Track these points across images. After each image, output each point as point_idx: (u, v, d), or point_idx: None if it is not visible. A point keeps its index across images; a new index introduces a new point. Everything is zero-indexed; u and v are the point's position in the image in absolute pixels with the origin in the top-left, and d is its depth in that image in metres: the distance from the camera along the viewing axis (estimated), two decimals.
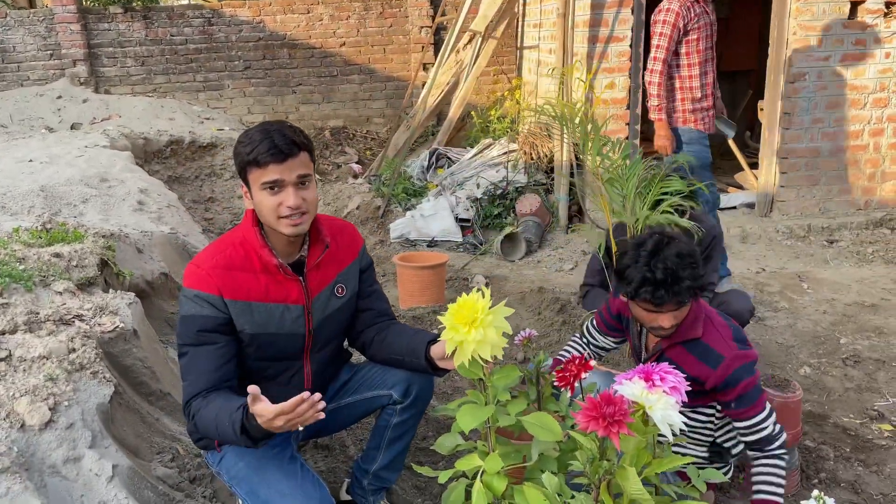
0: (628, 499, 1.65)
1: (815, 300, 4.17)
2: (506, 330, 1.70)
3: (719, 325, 2.17)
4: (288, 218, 1.82)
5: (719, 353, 2.09)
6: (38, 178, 4.21)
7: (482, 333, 1.67)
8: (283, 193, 1.81)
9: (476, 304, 1.69)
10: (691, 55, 4.08)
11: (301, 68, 7.85)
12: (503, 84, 7.62)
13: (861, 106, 5.19)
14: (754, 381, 2.11)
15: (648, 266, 2.01)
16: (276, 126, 1.83)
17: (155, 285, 3.33)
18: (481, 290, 1.72)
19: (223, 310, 1.84)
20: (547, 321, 3.93)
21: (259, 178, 1.80)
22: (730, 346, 2.10)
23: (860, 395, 3.23)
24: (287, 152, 1.78)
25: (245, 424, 1.68)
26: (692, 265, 2.02)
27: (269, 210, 1.82)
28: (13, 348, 2.08)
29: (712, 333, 2.14)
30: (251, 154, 1.79)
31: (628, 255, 2.08)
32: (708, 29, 4.08)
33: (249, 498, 1.90)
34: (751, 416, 2.11)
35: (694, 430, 2.31)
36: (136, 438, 2.25)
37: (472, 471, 1.81)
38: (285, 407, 1.58)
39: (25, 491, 1.70)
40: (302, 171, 1.82)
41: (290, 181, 1.80)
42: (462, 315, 1.68)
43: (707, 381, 2.11)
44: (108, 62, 7.52)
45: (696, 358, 2.12)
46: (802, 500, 1.70)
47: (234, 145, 1.86)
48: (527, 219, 5.28)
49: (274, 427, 1.61)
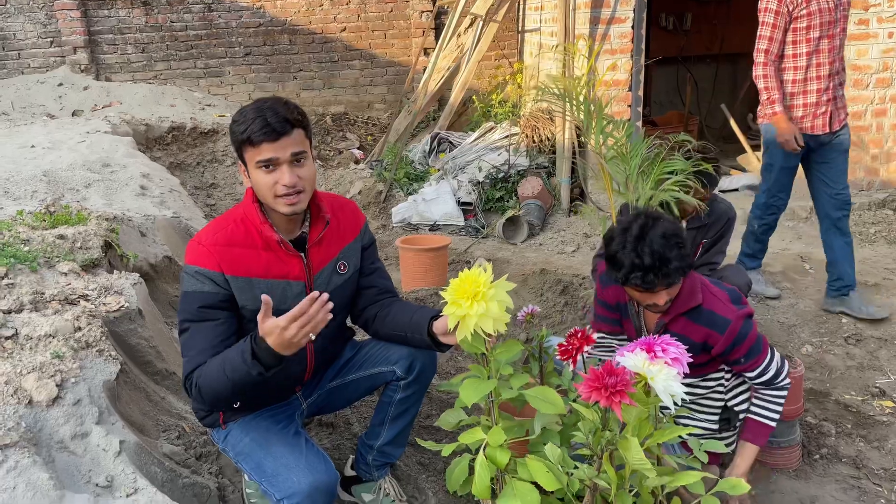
0: (630, 469, 1.67)
1: (817, 280, 4.17)
2: (507, 304, 1.71)
3: (716, 291, 2.21)
4: (284, 197, 1.82)
5: (724, 318, 2.13)
6: (41, 164, 4.22)
7: (484, 307, 1.67)
8: (277, 172, 1.81)
9: (478, 279, 1.70)
10: (798, 44, 3.57)
11: (302, 54, 7.82)
12: (504, 68, 7.59)
13: (864, 86, 5.17)
14: (756, 333, 2.18)
15: (636, 251, 2.01)
16: (269, 103, 1.81)
17: (159, 268, 3.34)
18: (483, 265, 1.73)
19: (224, 286, 1.84)
20: (549, 303, 3.94)
21: (254, 156, 1.80)
22: (731, 308, 2.15)
23: (862, 372, 3.24)
24: (280, 130, 1.78)
25: (255, 350, 1.68)
26: (678, 245, 2.02)
27: (266, 188, 1.83)
28: (20, 327, 2.10)
29: (711, 300, 2.18)
30: (245, 133, 1.78)
31: (615, 241, 2.07)
32: (824, 15, 3.50)
33: (255, 472, 1.91)
34: (759, 364, 2.20)
35: (705, 398, 2.35)
36: (143, 416, 2.27)
37: (476, 445, 1.82)
38: (295, 311, 1.60)
39: (34, 465, 1.72)
40: (296, 148, 1.82)
41: (284, 159, 1.80)
42: (464, 289, 1.69)
43: (715, 346, 2.15)
44: (109, 49, 7.50)
45: (701, 325, 2.16)
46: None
47: (230, 123, 1.86)
48: (529, 202, 5.28)
49: (286, 338, 1.62)
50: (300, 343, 1.65)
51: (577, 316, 3.68)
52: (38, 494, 1.68)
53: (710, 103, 7.81)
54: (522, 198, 5.39)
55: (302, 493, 1.80)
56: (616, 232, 2.09)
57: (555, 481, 1.69)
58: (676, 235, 2.04)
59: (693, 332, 2.17)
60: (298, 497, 1.81)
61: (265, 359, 1.68)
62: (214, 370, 1.77)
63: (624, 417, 1.57)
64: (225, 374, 1.75)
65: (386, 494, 2.21)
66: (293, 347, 1.66)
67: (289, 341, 1.64)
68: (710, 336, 2.17)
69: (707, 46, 8.06)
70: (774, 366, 2.24)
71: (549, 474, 1.71)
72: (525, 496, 1.70)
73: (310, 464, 1.86)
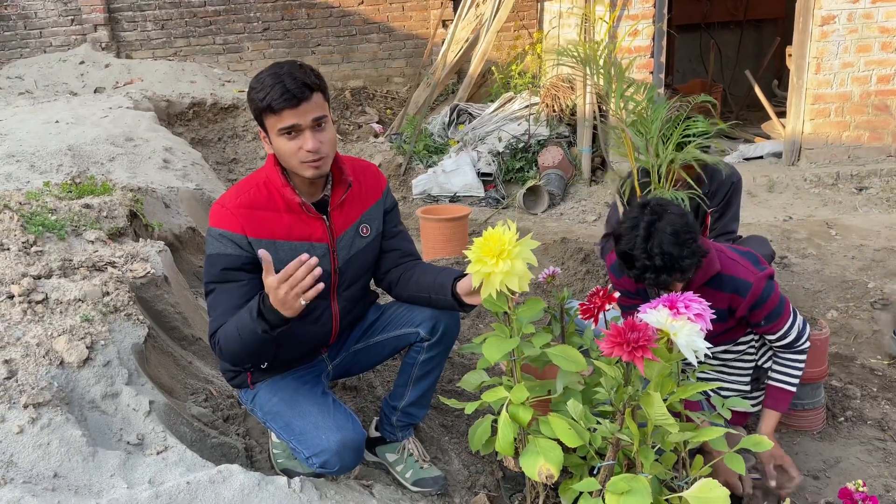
0: (653, 426, 1.67)
1: (843, 246, 4.12)
2: (531, 262, 1.71)
3: (734, 256, 2.18)
4: (309, 162, 1.83)
5: (746, 281, 2.12)
6: (65, 139, 4.27)
7: (509, 265, 1.68)
8: (300, 138, 1.81)
9: (503, 237, 1.70)
10: None
11: (320, 28, 7.80)
12: (524, 39, 7.50)
13: (892, 49, 5.05)
14: (778, 294, 2.17)
15: (647, 252, 1.95)
16: (286, 68, 1.80)
17: (183, 239, 3.38)
18: (507, 223, 1.74)
19: (247, 249, 1.86)
20: (571, 271, 3.93)
21: (275, 124, 1.80)
22: (752, 271, 2.14)
23: (888, 337, 3.21)
24: (300, 96, 1.77)
25: (261, 307, 1.70)
26: (689, 240, 1.95)
27: (290, 155, 1.83)
28: (49, 291, 2.14)
29: (731, 265, 2.16)
30: (265, 100, 1.78)
31: (624, 240, 2.01)
32: None
33: (284, 432, 1.95)
34: (782, 326, 2.19)
35: (736, 360, 2.35)
36: (171, 380, 2.31)
37: (499, 405, 1.84)
38: (286, 271, 1.61)
39: (67, 423, 1.77)
40: (317, 113, 1.81)
41: (306, 125, 1.80)
42: (489, 247, 1.70)
43: (738, 309, 2.13)
44: (129, 26, 7.53)
45: (724, 292, 2.14)
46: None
47: (247, 90, 1.86)
48: (549, 172, 5.25)
49: (279, 298, 1.63)
50: (293, 305, 1.65)
51: (600, 283, 3.67)
52: (72, 450, 1.72)
53: (734, 71, 7.67)
54: (543, 168, 5.36)
55: (331, 450, 1.84)
56: (624, 230, 2.03)
57: (577, 438, 1.70)
58: (686, 229, 1.96)
59: (718, 300, 2.14)
60: (328, 454, 1.84)
61: (269, 317, 1.70)
62: (231, 328, 1.81)
63: (646, 373, 1.57)
64: (237, 332, 1.78)
65: (409, 455, 2.24)
66: (290, 309, 1.66)
67: (282, 302, 1.65)
68: (734, 300, 2.16)
69: (731, 13, 7.89)
70: (796, 329, 2.22)
71: (572, 431, 1.72)
72: (548, 452, 1.71)
73: (338, 422, 1.89)
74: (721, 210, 3.07)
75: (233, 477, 1.73)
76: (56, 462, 1.70)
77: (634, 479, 1.56)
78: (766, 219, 4.61)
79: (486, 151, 5.56)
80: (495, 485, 2.26)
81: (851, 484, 1.83)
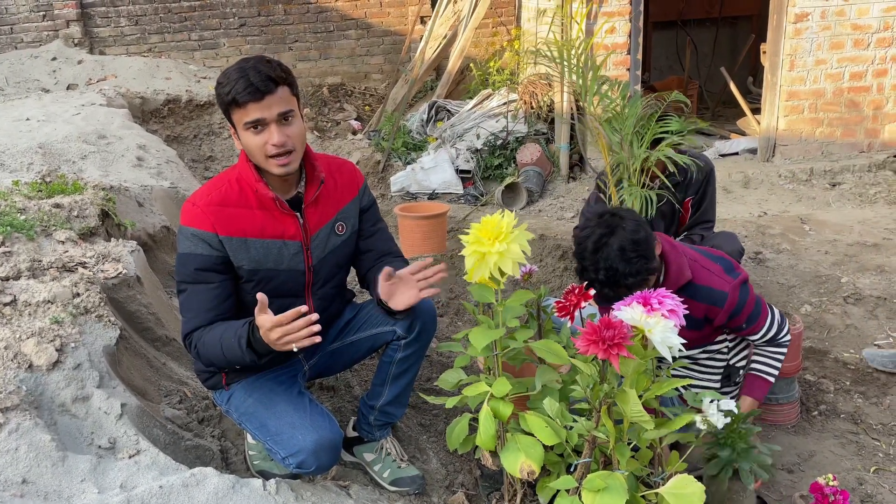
0: (628, 422, 1.68)
1: (817, 241, 4.16)
2: (525, 250, 1.74)
3: (708, 265, 2.18)
4: (276, 158, 1.81)
5: (721, 291, 2.12)
6: (36, 136, 4.19)
7: (505, 246, 1.71)
8: (266, 132, 1.79)
9: (501, 222, 1.74)
10: None
11: (297, 24, 7.73)
12: (502, 36, 7.50)
13: (865, 46, 5.11)
14: (754, 298, 2.18)
15: (594, 265, 1.97)
16: (252, 62, 1.79)
17: (157, 238, 3.34)
18: (504, 212, 1.76)
19: (218, 248, 1.84)
20: (549, 268, 3.95)
21: (241, 118, 1.79)
22: (726, 280, 2.14)
23: (861, 331, 3.25)
24: (264, 90, 1.75)
25: (251, 338, 1.71)
26: (635, 258, 1.95)
27: (256, 150, 1.81)
28: (18, 293, 2.10)
29: (706, 275, 2.16)
30: (229, 94, 1.76)
31: (577, 248, 2.03)
32: None
33: (260, 432, 1.93)
34: (762, 326, 2.21)
35: (710, 358, 2.37)
36: (144, 382, 2.28)
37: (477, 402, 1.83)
38: (282, 318, 1.61)
39: (35, 427, 1.74)
40: (283, 107, 1.79)
41: (271, 118, 1.78)
42: (487, 230, 1.73)
43: (716, 319, 2.15)
44: (102, 22, 7.42)
45: (700, 302, 2.15)
46: None
47: (215, 86, 1.84)
48: (528, 168, 5.26)
49: (271, 339, 1.64)
50: (284, 348, 1.65)
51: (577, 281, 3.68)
52: (41, 455, 1.69)
53: (710, 67, 7.73)
54: (521, 164, 5.36)
55: (307, 450, 1.82)
56: (579, 237, 2.05)
57: (553, 435, 1.70)
58: (635, 246, 1.95)
59: (694, 309, 2.15)
60: (304, 454, 1.83)
61: (259, 348, 1.72)
62: (212, 344, 1.81)
63: (622, 370, 1.58)
64: (222, 352, 1.79)
65: (387, 454, 2.23)
66: (280, 348, 1.66)
67: (272, 343, 1.65)
68: (711, 310, 2.17)
69: (707, 10, 7.95)
70: (776, 325, 2.25)
71: (548, 429, 1.72)
72: (529, 449, 1.72)
73: (314, 422, 1.87)
74: (698, 201, 3.11)
75: (207, 480, 1.71)
76: (24, 468, 1.67)
77: (611, 476, 1.57)
78: (742, 214, 4.65)
79: (465, 148, 5.55)
80: (473, 483, 2.25)
81: (822, 478, 1.85)
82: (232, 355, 1.78)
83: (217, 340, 1.79)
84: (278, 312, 1.98)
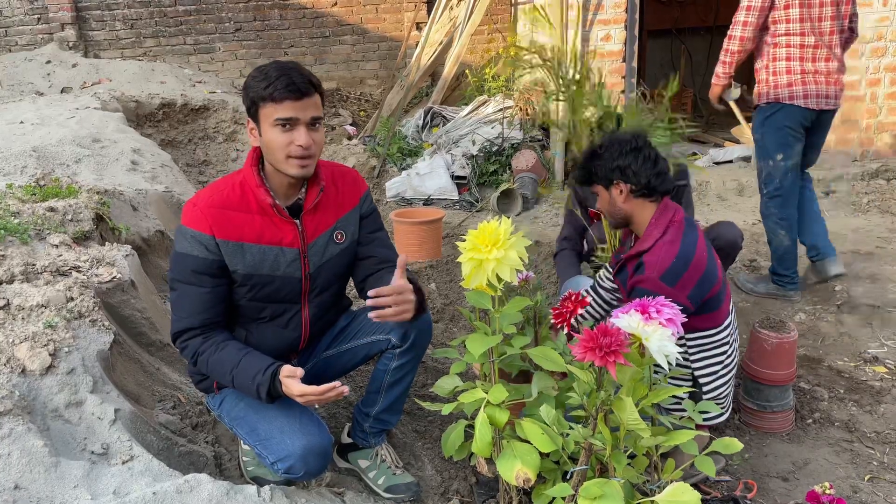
0: (625, 430, 1.67)
1: None
2: (523, 256, 1.74)
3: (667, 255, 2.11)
4: (298, 158, 1.83)
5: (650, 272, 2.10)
6: (30, 140, 4.17)
7: (503, 253, 1.72)
8: (295, 132, 1.81)
9: (498, 229, 1.74)
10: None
11: (293, 29, 7.73)
12: (498, 42, 7.52)
13: (858, 55, 5.15)
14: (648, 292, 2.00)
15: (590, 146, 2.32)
16: (292, 65, 1.83)
17: (151, 242, 3.32)
18: (501, 219, 1.76)
19: (214, 252, 1.84)
20: (544, 274, 3.95)
21: (272, 113, 1.80)
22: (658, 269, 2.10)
23: (854, 339, 3.26)
24: (304, 91, 1.79)
25: (271, 390, 1.80)
26: (607, 152, 2.19)
27: (279, 147, 1.82)
28: (11, 297, 2.08)
29: (656, 253, 2.13)
30: (268, 89, 1.78)
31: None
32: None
33: (250, 436, 1.92)
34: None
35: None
36: (138, 387, 2.27)
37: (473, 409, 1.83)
38: (315, 389, 1.72)
39: (28, 432, 1.72)
40: (316, 112, 1.84)
41: (304, 120, 1.81)
42: (484, 237, 1.74)
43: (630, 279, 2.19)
44: (97, 25, 7.40)
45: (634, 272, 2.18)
46: None
47: (246, 80, 1.86)
48: (523, 175, 5.26)
49: (297, 399, 1.76)
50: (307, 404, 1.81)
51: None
52: (34, 461, 1.68)
53: (705, 76, 7.76)
54: (517, 171, 5.37)
55: (295, 455, 1.82)
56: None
57: (550, 443, 1.70)
58: (618, 146, 2.17)
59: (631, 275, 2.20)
60: (292, 459, 1.82)
61: (275, 393, 1.82)
62: (220, 371, 1.86)
63: (618, 378, 1.58)
64: (231, 381, 1.85)
65: (382, 461, 2.22)
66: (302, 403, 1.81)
67: (295, 398, 1.79)
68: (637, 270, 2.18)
69: (702, 19, 8.00)
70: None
71: (545, 436, 1.72)
72: (525, 456, 1.71)
73: (303, 427, 1.86)
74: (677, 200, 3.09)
75: (201, 486, 1.70)
76: (17, 473, 1.65)
77: (607, 484, 1.56)
78: (736, 222, 4.65)
79: (461, 154, 5.56)
80: (468, 490, 2.25)
81: (819, 487, 1.85)
82: (243, 389, 1.86)
83: (228, 370, 1.84)
84: (273, 318, 1.99)
